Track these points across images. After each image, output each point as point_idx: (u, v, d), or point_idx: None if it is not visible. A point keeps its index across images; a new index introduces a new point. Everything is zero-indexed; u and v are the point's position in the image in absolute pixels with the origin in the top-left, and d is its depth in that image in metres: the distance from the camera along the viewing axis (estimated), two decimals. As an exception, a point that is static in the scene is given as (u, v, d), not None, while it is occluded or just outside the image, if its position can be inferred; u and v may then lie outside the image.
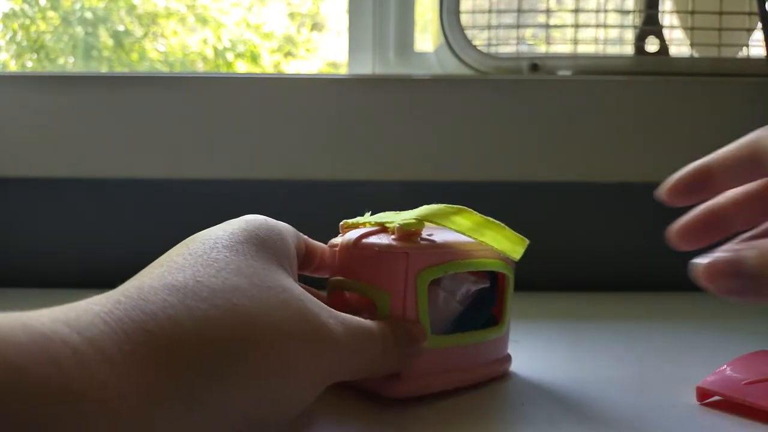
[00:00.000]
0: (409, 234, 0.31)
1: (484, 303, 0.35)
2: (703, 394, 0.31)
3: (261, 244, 0.27)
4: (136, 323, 0.20)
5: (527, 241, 0.34)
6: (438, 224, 0.32)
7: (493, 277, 0.35)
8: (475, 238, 0.32)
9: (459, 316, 0.33)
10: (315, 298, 0.27)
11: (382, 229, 0.33)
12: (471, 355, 0.33)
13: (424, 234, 0.32)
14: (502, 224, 0.34)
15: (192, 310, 0.21)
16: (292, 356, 0.24)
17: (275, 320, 0.24)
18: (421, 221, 0.31)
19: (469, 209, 0.33)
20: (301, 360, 0.24)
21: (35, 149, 0.63)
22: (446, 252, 0.32)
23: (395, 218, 0.32)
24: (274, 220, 0.30)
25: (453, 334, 0.32)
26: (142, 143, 0.63)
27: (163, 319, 0.21)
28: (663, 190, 0.30)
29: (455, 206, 0.33)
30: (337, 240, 0.34)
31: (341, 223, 0.35)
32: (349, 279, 0.32)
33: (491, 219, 0.34)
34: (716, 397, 0.31)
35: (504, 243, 0.33)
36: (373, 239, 0.32)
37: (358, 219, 0.35)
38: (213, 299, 0.22)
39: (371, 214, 0.35)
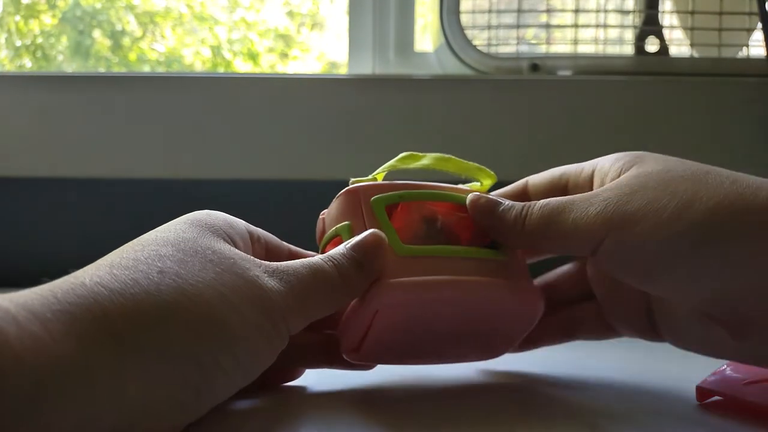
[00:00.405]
0: (363, 182, 0.33)
1: None
2: (703, 394, 0.31)
3: (197, 222, 0.28)
4: (66, 291, 0.21)
5: (494, 175, 0.35)
6: (394, 168, 0.34)
7: None
8: (439, 168, 0.34)
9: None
10: (249, 256, 0.27)
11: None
12: (465, 268, 0.31)
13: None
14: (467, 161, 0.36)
15: (117, 276, 0.23)
16: (225, 314, 0.24)
17: (203, 279, 0.24)
18: (374, 176, 0.34)
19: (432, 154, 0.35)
20: (236, 317, 0.24)
21: (35, 149, 0.63)
22: (400, 185, 0.33)
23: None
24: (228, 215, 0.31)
25: (438, 245, 0.32)
26: (142, 143, 0.63)
27: (91, 285, 0.22)
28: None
29: (411, 152, 0.35)
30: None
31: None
32: (324, 231, 0.34)
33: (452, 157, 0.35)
34: (716, 397, 0.31)
35: (469, 170, 0.35)
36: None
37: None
38: (137, 266, 0.24)
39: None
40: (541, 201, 0.30)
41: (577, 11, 0.66)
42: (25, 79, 0.65)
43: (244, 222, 0.31)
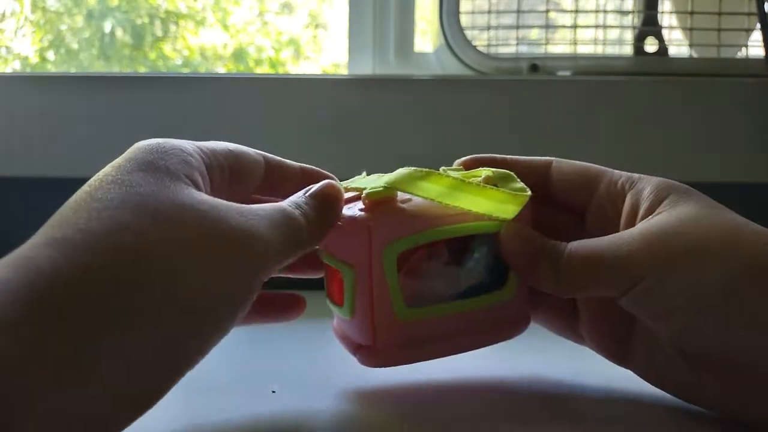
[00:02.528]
0: (378, 202, 0.29)
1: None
2: None
3: (150, 166, 0.25)
4: (19, 276, 0.20)
5: (526, 194, 0.30)
6: (403, 191, 0.30)
7: None
8: (446, 204, 0.29)
9: (478, 282, 0.31)
10: (222, 202, 0.25)
11: (358, 196, 0.30)
12: (472, 321, 0.31)
13: (400, 200, 0.30)
14: (487, 185, 0.31)
15: (74, 259, 0.21)
16: (198, 279, 0.23)
17: (170, 248, 0.22)
18: (389, 188, 0.29)
19: (441, 172, 0.31)
20: (213, 278, 0.23)
21: (35, 149, 0.63)
22: (418, 220, 0.29)
23: (375, 183, 0.30)
24: (176, 140, 0.29)
25: (444, 303, 0.31)
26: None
27: (46, 268, 0.20)
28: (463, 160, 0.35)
29: (424, 170, 0.31)
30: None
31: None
32: (326, 251, 0.31)
33: (470, 181, 0.31)
34: None
35: (486, 204, 0.30)
36: (346, 210, 0.30)
37: (349, 182, 0.33)
38: (96, 246, 0.22)
39: (366, 175, 0.33)
40: (578, 247, 0.29)
41: (576, 12, 0.66)
42: (26, 79, 0.65)
43: (197, 148, 0.29)
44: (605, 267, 0.28)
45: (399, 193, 0.30)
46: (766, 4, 0.61)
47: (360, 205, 0.30)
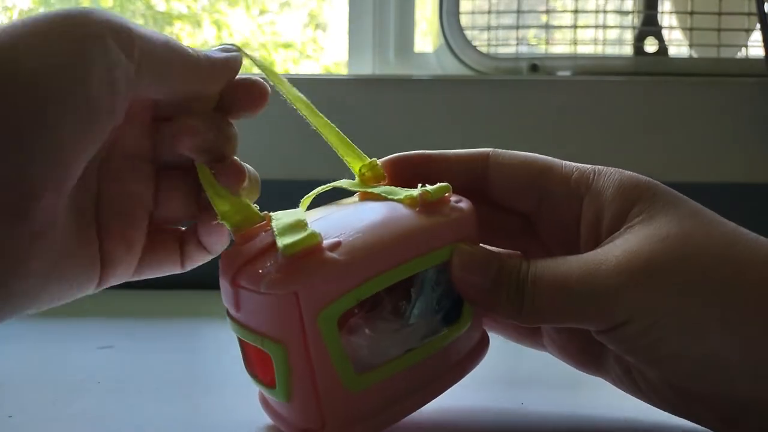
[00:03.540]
0: (301, 255, 0.22)
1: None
2: None
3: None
4: None
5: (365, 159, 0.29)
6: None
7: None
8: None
9: (431, 324, 0.26)
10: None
11: (272, 245, 0.24)
12: (422, 371, 0.26)
13: (328, 239, 0.23)
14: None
15: None
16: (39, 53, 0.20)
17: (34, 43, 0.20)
18: (315, 235, 0.23)
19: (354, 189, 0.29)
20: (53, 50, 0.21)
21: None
22: (356, 270, 0.23)
23: (291, 227, 0.24)
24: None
25: (397, 358, 0.25)
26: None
27: None
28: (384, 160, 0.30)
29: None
30: (231, 251, 0.26)
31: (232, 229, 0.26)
32: (237, 323, 0.25)
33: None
34: None
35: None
36: (257, 266, 0.23)
37: (277, 215, 0.27)
38: None
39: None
40: (544, 272, 0.24)
41: (576, 12, 0.66)
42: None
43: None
44: (578, 300, 0.24)
45: (324, 237, 0.23)
46: (765, 4, 0.61)
47: (277, 260, 0.23)
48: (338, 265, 0.23)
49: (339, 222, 0.25)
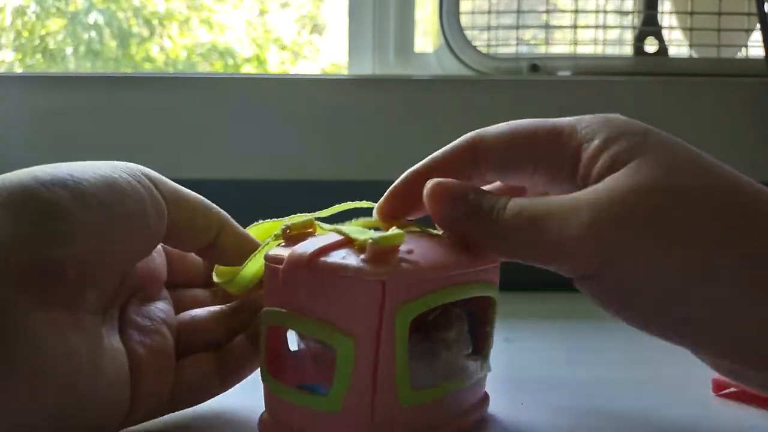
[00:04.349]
0: (385, 252, 0.22)
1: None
2: (718, 386, 0.32)
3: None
4: None
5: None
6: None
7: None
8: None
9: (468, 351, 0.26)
10: None
11: (347, 241, 0.24)
12: (449, 406, 0.26)
13: (402, 249, 0.23)
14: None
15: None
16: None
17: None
18: (400, 234, 0.23)
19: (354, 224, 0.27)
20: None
21: (36, 149, 0.63)
22: (431, 277, 0.23)
23: (360, 231, 0.24)
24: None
25: (433, 386, 0.25)
26: (143, 143, 0.63)
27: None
28: (378, 207, 0.28)
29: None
30: (280, 251, 0.24)
31: (284, 226, 0.26)
32: (295, 312, 0.23)
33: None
34: (732, 389, 0.32)
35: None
36: (335, 257, 0.23)
37: (304, 217, 0.27)
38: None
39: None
40: (517, 198, 0.24)
41: (576, 12, 0.66)
42: (27, 79, 0.65)
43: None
44: (550, 243, 0.23)
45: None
46: (765, 4, 0.61)
47: (354, 253, 0.23)
48: (419, 265, 0.23)
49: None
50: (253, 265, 0.27)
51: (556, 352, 0.41)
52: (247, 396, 0.28)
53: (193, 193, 0.28)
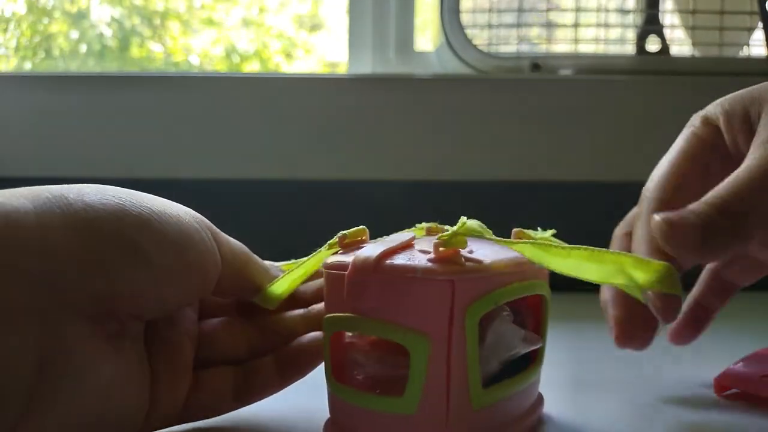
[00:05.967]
0: (450, 252, 0.23)
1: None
2: (721, 387, 0.32)
3: None
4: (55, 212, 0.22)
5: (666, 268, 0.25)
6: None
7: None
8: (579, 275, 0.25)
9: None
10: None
11: (408, 244, 0.25)
12: (515, 405, 0.26)
13: (464, 250, 0.24)
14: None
15: (106, 197, 0.23)
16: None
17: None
18: (460, 234, 0.23)
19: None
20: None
21: (35, 149, 0.63)
22: (496, 275, 0.24)
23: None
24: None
25: (511, 377, 0.25)
26: (143, 143, 0.63)
27: (77, 204, 0.22)
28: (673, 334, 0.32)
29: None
30: (341, 258, 0.25)
31: (339, 234, 0.27)
32: (363, 316, 0.23)
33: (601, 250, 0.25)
34: (734, 390, 0.32)
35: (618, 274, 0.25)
36: (401, 259, 0.23)
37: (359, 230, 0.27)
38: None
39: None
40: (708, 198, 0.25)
41: (578, 10, 0.66)
42: (26, 79, 0.65)
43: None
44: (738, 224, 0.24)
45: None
46: (767, 2, 0.61)
47: (419, 254, 0.24)
48: (483, 264, 0.23)
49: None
50: (286, 279, 0.28)
51: (556, 352, 0.41)
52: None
53: (242, 246, 0.28)
